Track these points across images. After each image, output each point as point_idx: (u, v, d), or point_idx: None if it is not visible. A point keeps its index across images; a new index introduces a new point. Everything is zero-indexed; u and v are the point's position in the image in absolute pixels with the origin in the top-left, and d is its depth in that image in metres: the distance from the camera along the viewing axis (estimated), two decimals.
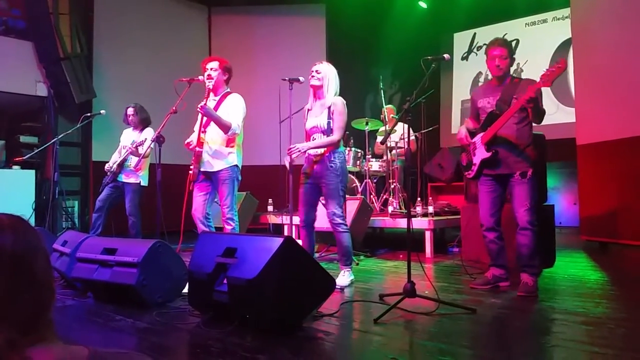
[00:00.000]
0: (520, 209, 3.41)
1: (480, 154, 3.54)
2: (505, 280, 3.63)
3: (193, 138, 4.05)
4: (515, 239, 3.49)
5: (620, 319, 2.76)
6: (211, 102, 4.04)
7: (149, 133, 5.24)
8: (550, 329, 2.68)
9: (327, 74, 3.83)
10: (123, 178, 5.31)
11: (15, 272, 0.81)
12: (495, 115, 3.44)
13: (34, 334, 0.80)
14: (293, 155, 3.77)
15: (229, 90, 4.12)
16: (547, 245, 4.53)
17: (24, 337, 0.79)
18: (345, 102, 3.83)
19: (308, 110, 3.95)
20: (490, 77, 3.70)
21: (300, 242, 3.91)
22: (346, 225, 3.86)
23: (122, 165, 5.29)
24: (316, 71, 3.83)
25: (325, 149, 3.77)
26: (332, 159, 3.75)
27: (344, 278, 3.76)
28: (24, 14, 7.24)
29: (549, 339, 2.47)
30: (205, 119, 3.95)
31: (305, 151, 3.79)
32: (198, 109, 3.86)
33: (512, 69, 3.63)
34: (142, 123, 5.43)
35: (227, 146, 3.97)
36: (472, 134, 3.64)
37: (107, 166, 5.41)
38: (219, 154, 3.96)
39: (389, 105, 7.28)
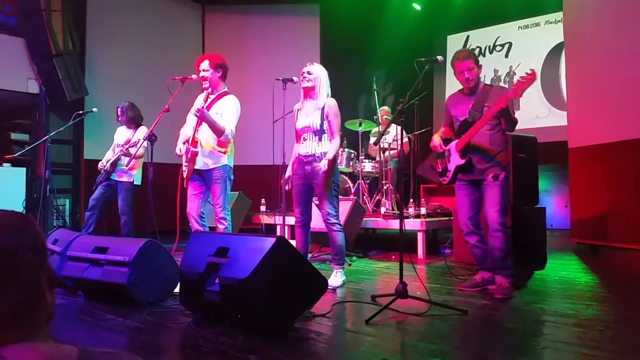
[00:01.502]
0: (491, 210, 3.43)
1: (455, 160, 3.58)
2: (494, 283, 3.62)
3: (179, 144, 4.02)
4: (488, 241, 3.51)
5: (611, 321, 2.78)
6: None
7: (142, 133, 5.20)
8: (541, 330, 2.69)
9: (319, 75, 3.83)
10: (116, 177, 5.29)
11: None
12: (468, 124, 3.48)
13: (13, 331, 0.79)
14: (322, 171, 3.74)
15: (226, 89, 4.09)
16: (538, 248, 4.57)
17: None
18: (336, 103, 3.84)
19: (298, 110, 3.95)
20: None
21: (293, 242, 3.91)
22: (340, 224, 3.87)
23: (115, 164, 5.26)
24: (307, 72, 3.83)
25: (317, 150, 3.78)
26: (323, 159, 3.76)
27: (336, 279, 3.76)
28: (15, 10, 7.19)
29: (540, 340, 2.48)
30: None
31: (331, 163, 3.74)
32: (195, 113, 3.85)
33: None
34: (133, 121, 5.40)
35: (219, 145, 3.96)
36: (446, 141, 3.67)
37: (100, 165, 5.38)
38: (211, 153, 3.94)
39: (384, 107, 7.30)
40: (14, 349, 0.77)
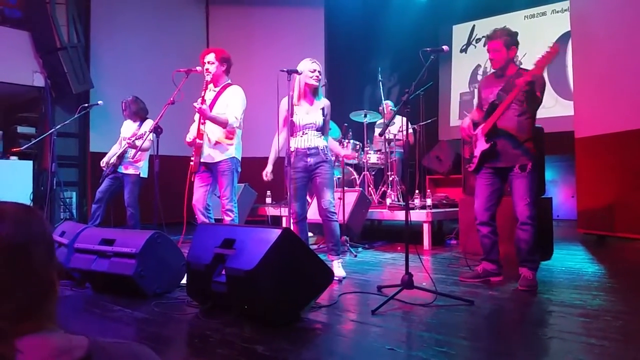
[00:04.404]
0: (521, 203, 3.37)
1: (480, 145, 3.49)
2: (497, 275, 3.61)
3: (192, 131, 4.03)
4: (514, 233, 3.46)
5: (617, 312, 2.77)
6: (211, 93, 4.03)
7: (148, 126, 5.20)
8: (547, 320, 2.69)
9: (321, 76, 3.94)
10: (122, 169, 5.30)
11: (10, 262, 0.80)
12: (495, 106, 3.38)
13: (27, 324, 0.80)
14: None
15: (229, 81, 4.09)
16: (544, 238, 4.55)
17: (14, 327, 0.78)
18: None
19: (295, 105, 3.91)
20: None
21: None
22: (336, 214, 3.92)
23: (122, 157, 5.27)
24: (318, 72, 3.88)
25: (320, 143, 3.85)
26: (326, 151, 3.88)
27: (340, 269, 3.78)
28: (20, 3, 7.19)
29: (546, 330, 2.48)
30: None
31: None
32: (194, 105, 3.85)
33: (516, 59, 3.57)
34: (137, 115, 5.40)
35: (226, 138, 3.97)
36: (477, 125, 3.57)
37: (105, 159, 5.39)
38: (218, 145, 3.95)
39: (387, 101, 7.27)
40: (28, 340, 0.78)
